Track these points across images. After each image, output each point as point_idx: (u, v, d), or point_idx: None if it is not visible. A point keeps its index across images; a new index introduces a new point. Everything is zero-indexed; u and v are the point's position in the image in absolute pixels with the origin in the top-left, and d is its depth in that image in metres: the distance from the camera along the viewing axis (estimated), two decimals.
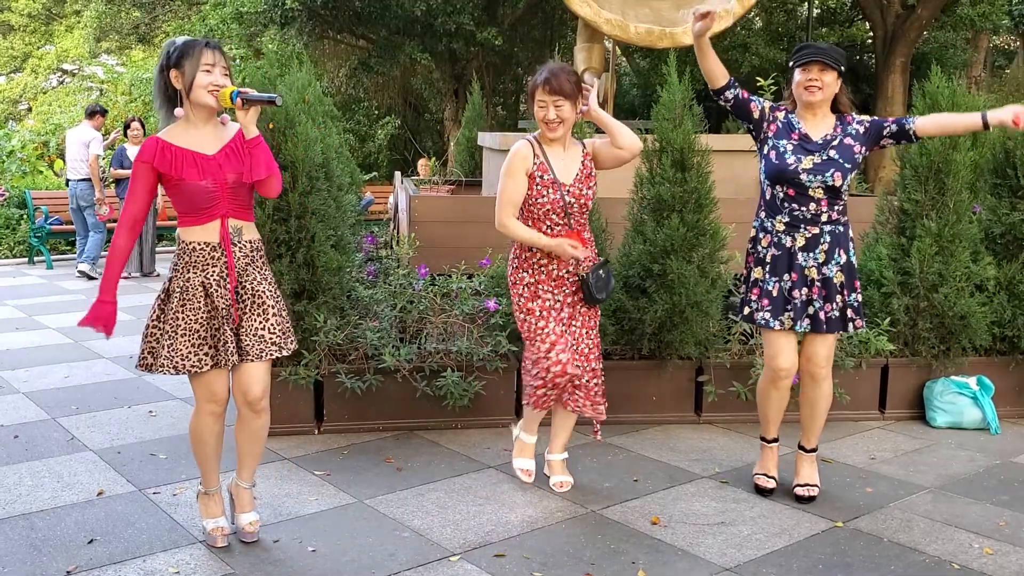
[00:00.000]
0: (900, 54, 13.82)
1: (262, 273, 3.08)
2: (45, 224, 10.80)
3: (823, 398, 3.63)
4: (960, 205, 4.67)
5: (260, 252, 3.10)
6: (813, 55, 3.43)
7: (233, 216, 3.00)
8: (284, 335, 3.07)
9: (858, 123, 3.54)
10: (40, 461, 4.06)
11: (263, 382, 3.07)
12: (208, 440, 3.12)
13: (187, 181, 2.91)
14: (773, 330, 3.55)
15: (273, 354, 3.04)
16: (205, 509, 3.24)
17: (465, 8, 13.10)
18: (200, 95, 2.91)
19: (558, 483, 3.75)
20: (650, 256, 4.54)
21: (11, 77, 26.65)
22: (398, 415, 4.46)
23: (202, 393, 3.05)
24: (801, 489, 3.67)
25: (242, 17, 13.78)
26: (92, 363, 5.88)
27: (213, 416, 3.09)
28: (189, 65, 2.89)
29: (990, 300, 4.78)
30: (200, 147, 2.96)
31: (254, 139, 2.93)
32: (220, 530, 3.20)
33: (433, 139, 17.53)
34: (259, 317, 3.03)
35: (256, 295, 3.03)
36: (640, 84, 17.77)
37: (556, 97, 3.38)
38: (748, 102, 3.60)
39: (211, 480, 3.21)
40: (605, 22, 7.15)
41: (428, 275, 4.68)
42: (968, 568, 3.09)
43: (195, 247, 2.97)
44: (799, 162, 3.47)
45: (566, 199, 3.46)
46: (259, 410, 3.11)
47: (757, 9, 16.47)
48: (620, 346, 4.66)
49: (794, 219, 3.51)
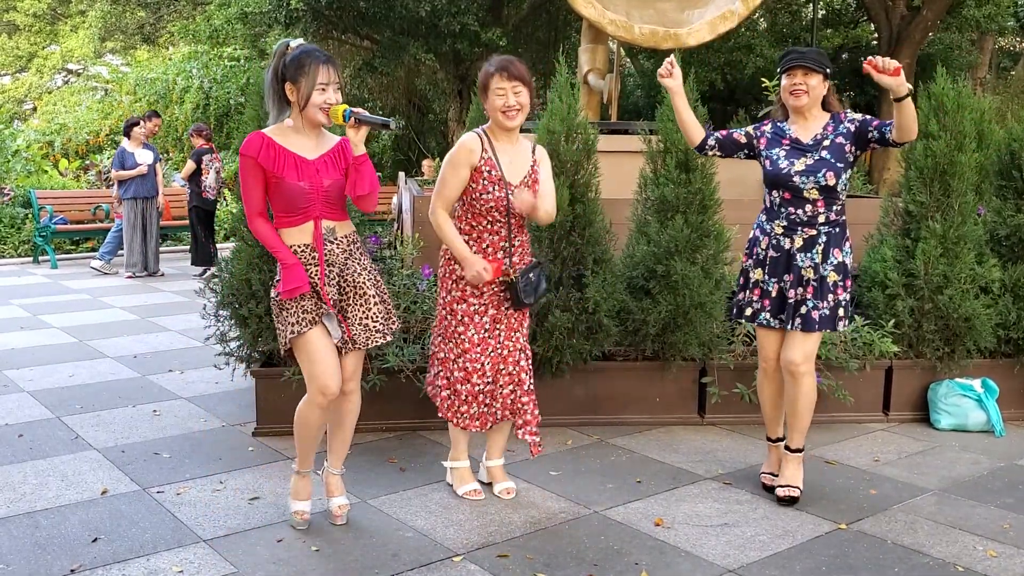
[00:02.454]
0: (905, 56, 13.80)
1: (361, 264, 3.21)
2: (50, 223, 10.82)
3: (804, 395, 3.60)
4: (965, 207, 4.66)
5: (357, 244, 3.24)
6: (795, 60, 3.50)
7: (326, 218, 3.12)
8: (387, 322, 3.24)
9: (849, 122, 3.57)
10: (44, 460, 4.07)
11: (354, 363, 3.26)
12: (312, 425, 3.26)
13: (285, 180, 3.03)
14: (772, 328, 3.64)
15: (378, 341, 3.20)
16: (293, 489, 3.38)
17: (470, 9, 13.11)
18: (313, 113, 3.03)
19: (503, 490, 3.66)
20: (654, 257, 4.54)
21: (16, 77, 26.72)
22: (401, 415, 4.47)
23: (316, 384, 3.14)
24: (781, 490, 3.67)
25: (247, 17, 13.80)
26: (97, 362, 5.89)
27: (321, 408, 3.20)
28: (305, 83, 3.00)
29: (995, 302, 4.77)
30: (302, 151, 3.09)
31: (361, 156, 3.07)
32: (301, 514, 3.34)
33: (437, 140, 17.54)
34: (362, 307, 3.17)
35: (357, 286, 3.17)
36: (644, 85, 17.77)
37: (515, 83, 3.35)
38: (730, 136, 3.71)
39: (306, 462, 3.36)
40: (609, 23, 7.15)
41: (432, 275, 4.68)
42: (972, 571, 3.08)
43: (296, 249, 3.10)
44: (792, 165, 3.53)
45: (510, 198, 3.41)
46: (348, 391, 3.27)
47: (762, 10, 16.46)
48: (624, 347, 4.66)
49: (791, 222, 3.57)
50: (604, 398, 4.61)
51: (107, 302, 8.24)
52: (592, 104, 7.99)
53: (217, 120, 16.22)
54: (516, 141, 3.49)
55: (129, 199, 9.89)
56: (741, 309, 3.72)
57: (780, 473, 3.73)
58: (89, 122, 16.50)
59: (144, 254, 10.00)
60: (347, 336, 3.18)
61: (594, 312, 4.41)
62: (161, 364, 5.85)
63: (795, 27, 17.16)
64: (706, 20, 7.23)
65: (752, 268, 3.67)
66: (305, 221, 3.08)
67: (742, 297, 3.72)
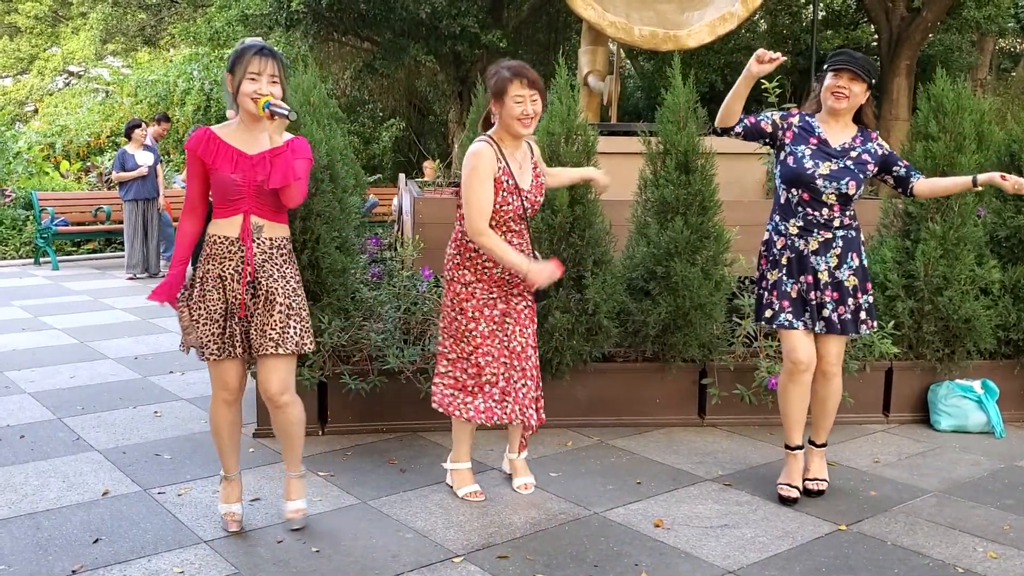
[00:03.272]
0: (905, 57, 13.80)
1: (281, 271, 3.17)
2: (51, 225, 10.83)
3: (833, 395, 3.71)
4: (965, 208, 4.67)
5: (281, 250, 3.19)
6: (846, 63, 3.46)
7: (256, 214, 3.13)
8: (285, 333, 3.13)
9: (879, 145, 3.59)
10: (46, 461, 4.07)
11: (279, 377, 3.18)
12: (222, 426, 3.27)
13: (219, 172, 3.08)
14: (795, 330, 3.58)
15: (269, 350, 3.12)
16: (222, 493, 3.38)
17: (470, 10, 13.12)
18: (243, 101, 3.09)
19: (522, 485, 3.71)
20: (654, 258, 4.54)
21: (17, 79, 26.73)
22: (402, 416, 4.47)
23: (215, 381, 3.23)
24: (811, 483, 3.74)
25: (247, 19, 13.81)
26: (98, 364, 5.89)
27: (224, 404, 3.24)
28: (238, 71, 3.06)
29: (995, 303, 4.77)
30: (242, 145, 3.13)
31: (276, 148, 3.07)
32: (231, 515, 3.34)
33: (437, 141, 17.55)
34: (265, 314, 3.13)
35: (268, 292, 3.14)
36: (644, 87, 17.77)
37: (534, 92, 3.34)
38: (758, 123, 3.62)
39: (228, 466, 3.35)
40: (609, 25, 7.16)
41: (432, 277, 4.68)
42: (972, 572, 3.09)
43: (216, 239, 3.13)
44: (816, 167, 3.51)
45: (524, 205, 3.42)
46: (280, 405, 3.23)
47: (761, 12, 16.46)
48: (623, 348, 4.66)
49: (807, 223, 3.56)
50: (604, 399, 4.62)
51: (108, 303, 8.25)
52: (592, 106, 8.00)
53: (218, 122, 16.22)
54: (521, 146, 3.50)
55: (130, 201, 9.91)
56: (762, 312, 3.68)
57: (808, 467, 3.79)
58: (90, 124, 16.50)
59: (145, 255, 10.01)
60: (247, 342, 3.16)
61: (594, 313, 4.41)
62: (162, 365, 5.86)
63: (795, 28, 17.15)
64: (706, 22, 7.24)
65: (769, 270, 3.65)
66: (235, 214, 3.11)
67: (765, 300, 3.67)
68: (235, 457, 3.35)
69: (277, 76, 3.08)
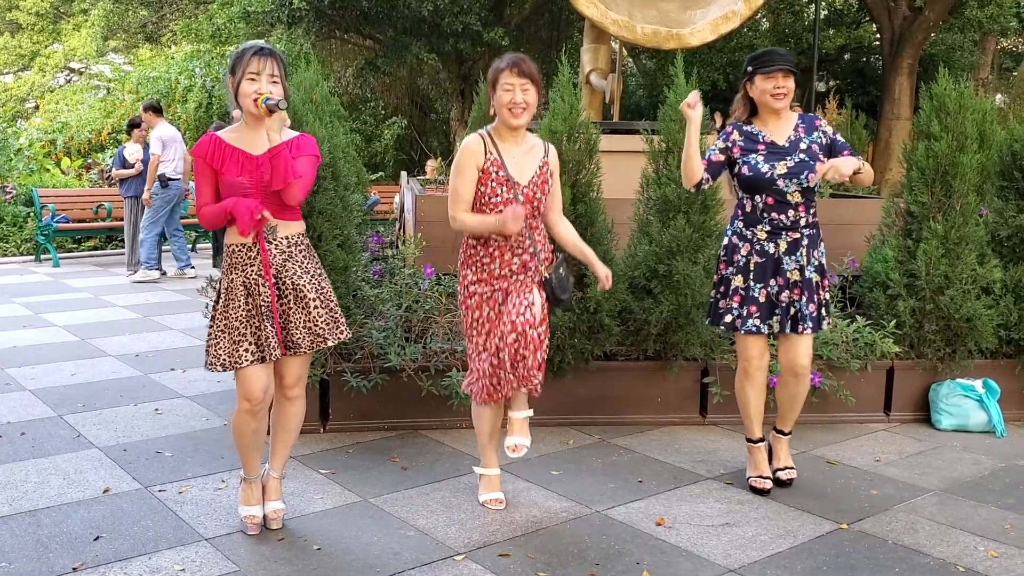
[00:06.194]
0: (907, 56, 13.80)
1: (303, 267, 3.18)
2: (52, 222, 10.83)
3: (803, 392, 3.78)
4: (967, 207, 4.66)
5: (300, 247, 3.20)
6: (778, 62, 3.52)
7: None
8: (329, 325, 3.20)
9: (823, 133, 3.62)
10: (46, 458, 4.07)
11: (296, 370, 3.24)
12: (245, 433, 3.23)
13: (226, 175, 3.07)
14: (760, 334, 3.65)
15: (320, 345, 3.18)
16: (242, 495, 3.35)
17: (472, 8, 13.12)
18: (244, 102, 3.08)
19: (512, 446, 3.48)
20: (656, 257, 4.54)
21: (19, 75, 26.74)
22: (403, 414, 4.47)
23: (241, 390, 3.16)
24: (782, 473, 3.80)
25: (249, 16, 13.81)
26: (98, 361, 5.90)
27: (248, 414, 3.18)
28: (238, 72, 3.05)
29: (996, 303, 4.77)
30: (247, 147, 3.11)
31: (274, 148, 3.05)
32: (251, 518, 3.30)
33: (439, 139, 17.55)
34: (302, 311, 3.15)
35: (296, 289, 3.14)
36: (646, 85, 17.78)
37: (524, 80, 3.31)
38: (712, 162, 3.62)
39: (250, 468, 3.32)
40: (612, 23, 7.16)
41: (434, 275, 4.68)
42: (973, 571, 3.08)
43: (234, 249, 3.12)
44: (773, 168, 3.55)
45: (519, 199, 3.37)
46: (290, 397, 3.27)
47: (764, 11, 16.45)
48: (625, 347, 4.66)
49: (775, 227, 3.60)
50: (606, 398, 4.62)
51: (109, 301, 8.25)
52: (594, 104, 8.00)
53: (220, 119, 16.23)
54: (523, 141, 3.45)
55: (130, 198, 9.90)
56: (720, 317, 3.70)
57: (775, 457, 3.85)
58: (91, 121, 16.51)
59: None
60: (291, 341, 3.15)
61: (596, 312, 4.41)
62: (163, 363, 5.86)
63: (797, 27, 17.15)
64: (708, 20, 7.23)
65: (733, 275, 3.67)
66: None
67: (723, 305, 3.70)
68: (258, 460, 3.32)
69: (277, 75, 3.07)
